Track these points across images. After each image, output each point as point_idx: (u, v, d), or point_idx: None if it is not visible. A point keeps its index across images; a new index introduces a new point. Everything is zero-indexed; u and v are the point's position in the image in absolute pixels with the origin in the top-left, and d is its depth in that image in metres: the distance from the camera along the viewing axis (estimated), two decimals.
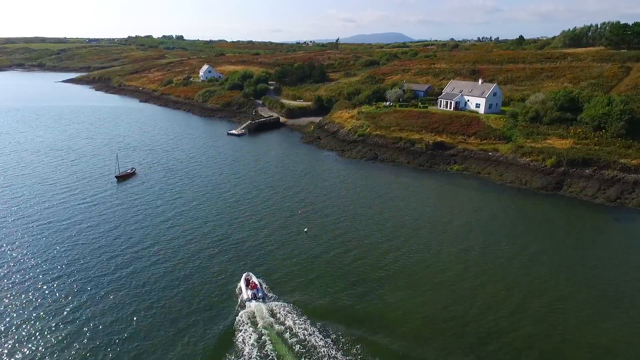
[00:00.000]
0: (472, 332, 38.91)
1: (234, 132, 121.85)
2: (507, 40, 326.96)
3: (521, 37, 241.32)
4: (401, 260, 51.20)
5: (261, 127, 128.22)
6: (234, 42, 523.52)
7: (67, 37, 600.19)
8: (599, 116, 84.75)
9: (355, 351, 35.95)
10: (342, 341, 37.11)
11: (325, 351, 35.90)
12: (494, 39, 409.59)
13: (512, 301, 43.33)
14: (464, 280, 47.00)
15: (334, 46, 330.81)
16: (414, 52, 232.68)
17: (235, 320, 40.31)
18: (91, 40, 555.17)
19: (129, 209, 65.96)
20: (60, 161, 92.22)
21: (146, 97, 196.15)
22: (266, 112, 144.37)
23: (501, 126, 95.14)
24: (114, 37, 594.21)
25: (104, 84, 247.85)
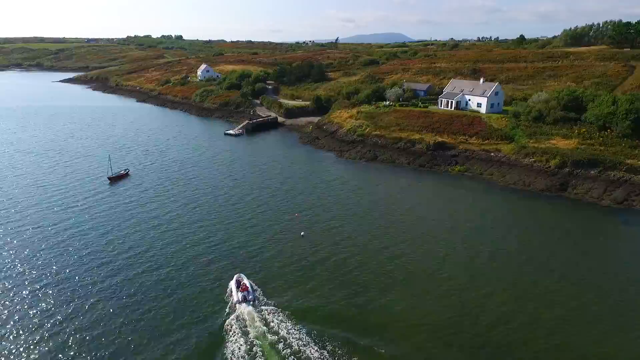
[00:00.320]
0: (481, 345, 36.76)
1: (231, 132, 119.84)
2: (507, 40, 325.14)
3: (522, 36, 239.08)
4: (403, 266, 49.12)
5: (259, 127, 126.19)
6: (233, 42, 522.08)
7: (66, 37, 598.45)
8: (604, 116, 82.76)
9: None
10: (339, 353, 35.06)
11: None
12: (493, 39, 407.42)
13: (523, 312, 41.00)
14: (471, 289, 44.77)
15: (333, 46, 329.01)
16: (414, 52, 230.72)
17: (224, 326, 38.65)
18: (90, 40, 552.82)
19: (121, 212, 63.89)
20: (53, 162, 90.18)
21: (143, 97, 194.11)
22: (264, 112, 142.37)
23: (503, 126, 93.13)
24: (113, 37, 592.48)
25: (101, 83, 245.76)
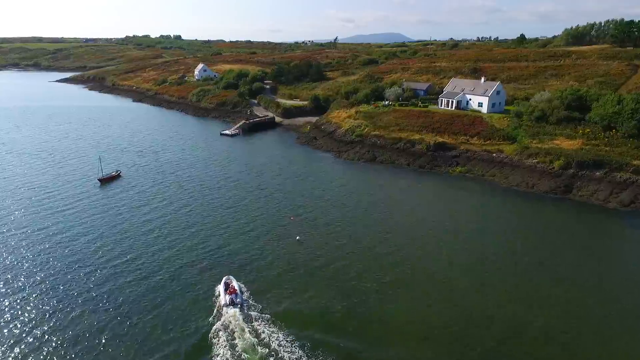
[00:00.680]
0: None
1: (227, 132, 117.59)
2: (507, 40, 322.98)
3: (522, 35, 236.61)
4: (403, 272, 46.86)
5: (256, 127, 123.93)
6: (232, 42, 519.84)
7: (64, 37, 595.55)
8: (609, 115, 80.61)
9: None
10: None
11: None
12: (493, 39, 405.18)
13: (533, 322, 38.62)
14: (476, 296, 42.48)
15: (332, 45, 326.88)
16: (414, 51, 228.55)
17: (209, 333, 36.86)
18: (88, 40, 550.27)
19: (111, 216, 61.59)
20: (44, 163, 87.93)
21: (140, 96, 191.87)
22: (261, 112, 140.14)
23: (505, 126, 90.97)
24: (112, 37, 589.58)
25: (98, 83, 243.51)
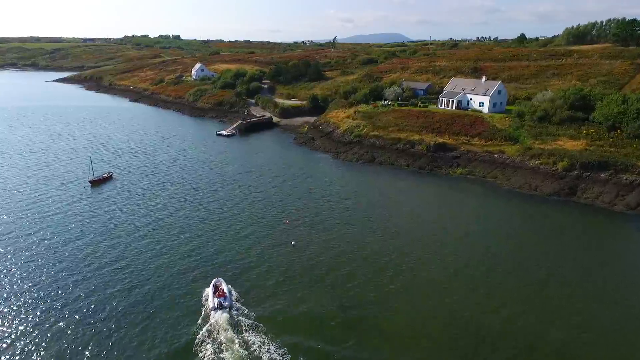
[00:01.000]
0: None
1: (223, 132, 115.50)
2: (507, 39, 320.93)
3: (522, 35, 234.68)
4: (402, 279, 44.76)
5: (253, 128, 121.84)
6: (231, 41, 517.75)
7: (63, 37, 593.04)
8: (613, 115, 78.60)
9: None
10: None
11: None
12: (493, 39, 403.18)
13: (546, 337, 36.54)
14: (479, 305, 40.32)
15: (332, 45, 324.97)
16: (413, 51, 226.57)
17: (194, 342, 35.07)
18: (86, 39, 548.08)
19: (101, 220, 59.41)
20: (35, 164, 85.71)
21: (136, 96, 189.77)
22: (259, 112, 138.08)
23: (507, 126, 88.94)
24: (111, 37, 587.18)
25: (95, 83, 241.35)
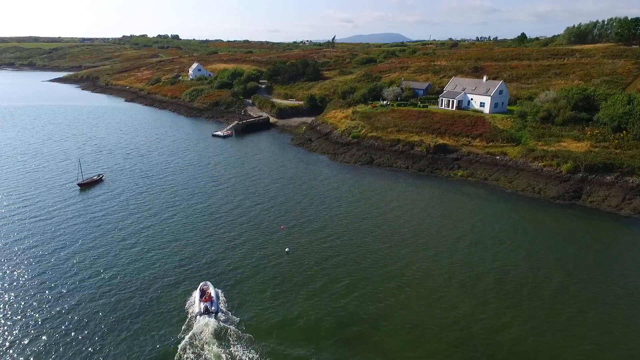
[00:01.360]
0: None
1: (218, 133, 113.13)
2: (507, 39, 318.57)
3: (523, 34, 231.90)
4: (401, 291, 42.46)
5: (249, 128, 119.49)
6: (230, 41, 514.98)
7: (62, 37, 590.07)
8: (618, 116, 76.41)
9: None
10: None
11: None
12: (492, 39, 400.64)
13: (546, 350, 34.38)
14: (481, 319, 38.06)
15: (331, 45, 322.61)
16: (413, 50, 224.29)
17: (177, 350, 33.39)
18: (84, 39, 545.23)
19: (88, 224, 57.09)
20: (24, 166, 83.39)
21: (132, 96, 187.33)
22: (256, 112, 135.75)
23: (509, 127, 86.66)
24: (109, 37, 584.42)
25: (91, 83, 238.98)
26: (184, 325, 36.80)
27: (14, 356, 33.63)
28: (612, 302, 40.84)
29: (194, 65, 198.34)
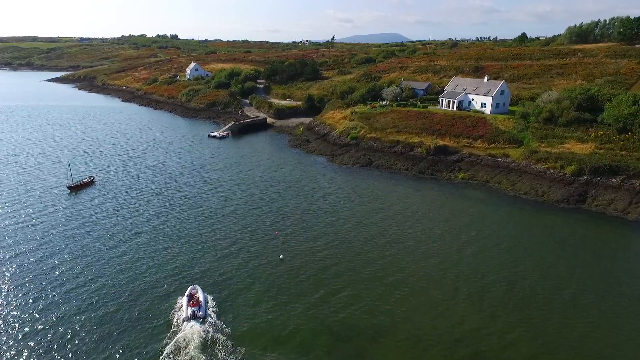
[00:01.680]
0: None
1: (215, 134, 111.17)
2: (507, 39, 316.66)
3: (524, 34, 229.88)
4: (402, 302, 40.42)
5: (246, 129, 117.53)
6: (229, 41, 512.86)
7: (60, 36, 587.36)
8: (624, 117, 74.48)
9: None
10: None
11: None
12: (492, 39, 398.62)
13: None
14: (489, 334, 35.96)
15: (330, 44, 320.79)
16: (412, 50, 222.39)
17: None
18: (83, 39, 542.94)
19: (76, 230, 55.12)
20: (14, 168, 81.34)
21: (129, 96, 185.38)
22: (253, 112, 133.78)
23: (511, 128, 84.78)
24: (109, 37, 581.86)
25: (88, 83, 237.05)
26: (169, 332, 35.11)
27: None
28: (627, 314, 38.82)
29: (192, 65, 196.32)
